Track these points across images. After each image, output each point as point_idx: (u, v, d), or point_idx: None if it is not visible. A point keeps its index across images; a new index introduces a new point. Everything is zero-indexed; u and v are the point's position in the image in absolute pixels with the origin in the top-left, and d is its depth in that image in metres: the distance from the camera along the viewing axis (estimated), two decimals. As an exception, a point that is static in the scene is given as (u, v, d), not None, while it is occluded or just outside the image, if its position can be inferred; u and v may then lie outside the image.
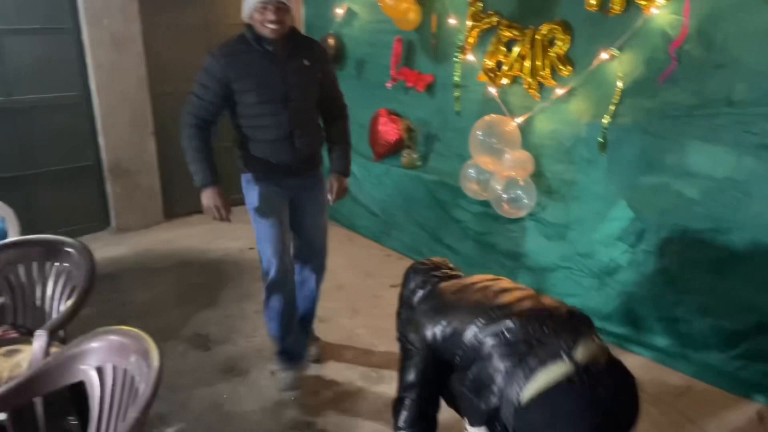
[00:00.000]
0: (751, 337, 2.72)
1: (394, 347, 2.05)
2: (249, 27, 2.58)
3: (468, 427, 1.82)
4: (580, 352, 1.56)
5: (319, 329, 3.23)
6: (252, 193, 2.74)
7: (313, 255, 2.97)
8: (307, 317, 3.07)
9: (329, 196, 2.88)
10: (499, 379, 1.60)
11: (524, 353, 1.58)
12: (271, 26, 2.50)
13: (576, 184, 3.37)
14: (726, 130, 2.75)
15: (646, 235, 3.00)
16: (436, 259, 2.22)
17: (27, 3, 4.22)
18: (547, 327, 1.62)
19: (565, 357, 1.54)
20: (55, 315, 2.26)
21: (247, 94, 2.58)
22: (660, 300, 2.97)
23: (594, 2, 3.10)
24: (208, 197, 2.63)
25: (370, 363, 3.09)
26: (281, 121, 2.62)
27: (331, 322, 3.45)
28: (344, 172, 2.89)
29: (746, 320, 2.72)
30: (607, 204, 3.19)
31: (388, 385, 2.84)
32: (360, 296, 3.81)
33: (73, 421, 2.03)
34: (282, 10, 2.50)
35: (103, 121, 4.62)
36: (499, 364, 1.61)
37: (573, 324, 1.66)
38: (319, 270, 3.00)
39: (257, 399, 2.81)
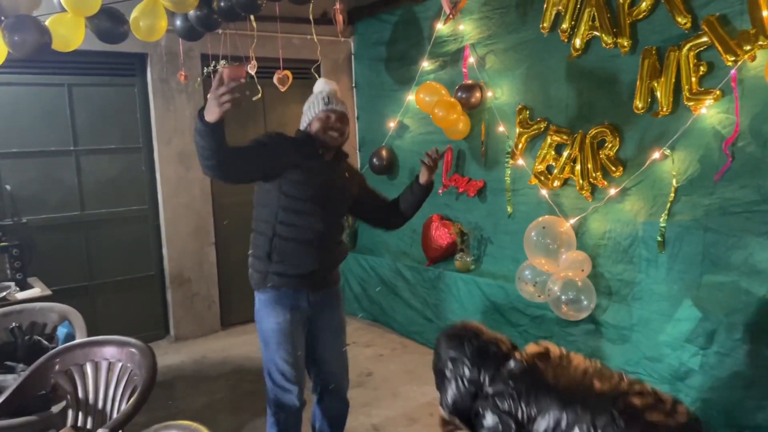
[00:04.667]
0: None
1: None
2: (307, 134, 2.58)
3: None
4: None
5: (375, 438, 3.10)
6: (269, 318, 2.54)
7: (332, 390, 2.75)
8: None
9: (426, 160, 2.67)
10: None
11: None
12: (333, 134, 2.54)
13: (637, 284, 3.28)
14: (791, 224, 2.68)
15: (716, 336, 2.85)
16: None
17: (105, 126, 4.60)
18: None
19: None
20: (115, 416, 2.26)
21: (295, 186, 2.47)
22: (739, 406, 2.76)
23: (641, 105, 3.18)
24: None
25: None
26: (318, 221, 2.50)
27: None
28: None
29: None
30: (671, 304, 3.08)
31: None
32: (416, 404, 3.68)
33: None
34: (343, 120, 2.57)
35: (167, 232, 4.85)
36: None
37: None
38: (342, 406, 2.80)
39: None
